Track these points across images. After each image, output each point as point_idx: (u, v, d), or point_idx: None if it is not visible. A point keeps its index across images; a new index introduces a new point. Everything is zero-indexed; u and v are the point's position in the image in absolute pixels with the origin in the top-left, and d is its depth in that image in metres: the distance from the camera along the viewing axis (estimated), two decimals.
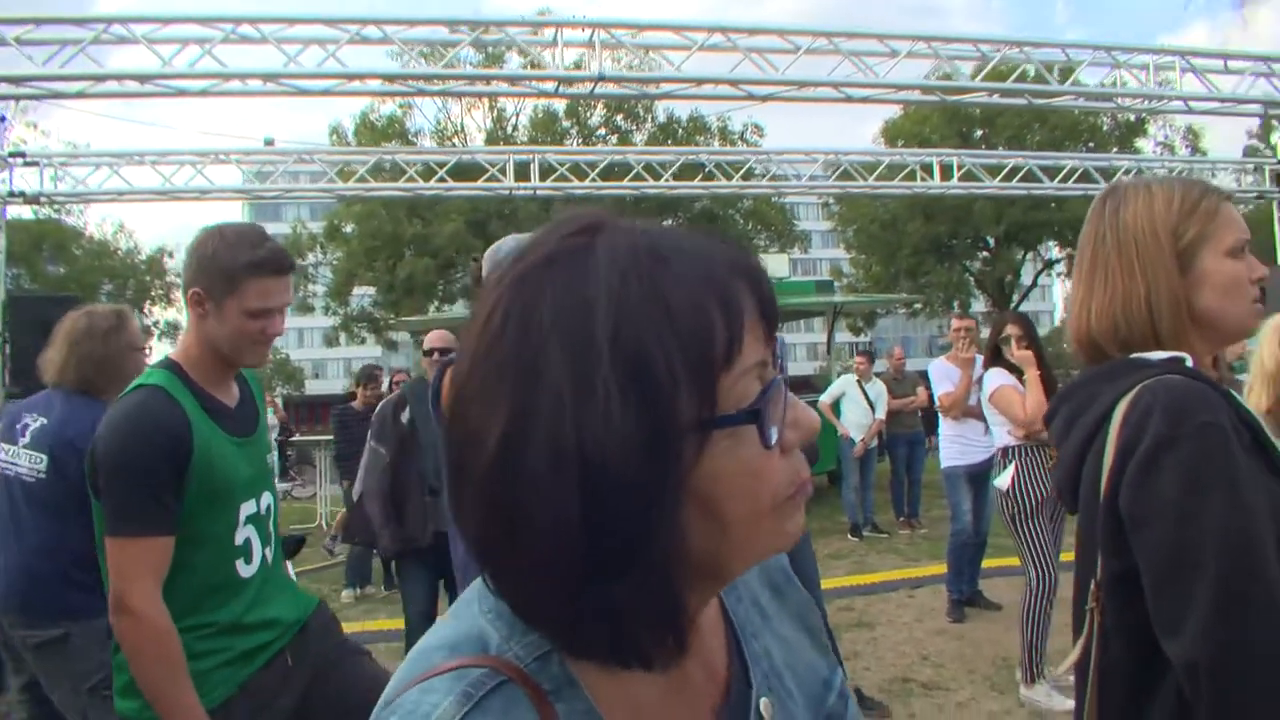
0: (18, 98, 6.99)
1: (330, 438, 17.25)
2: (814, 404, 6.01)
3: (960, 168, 12.05)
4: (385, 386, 9.24)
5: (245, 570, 2.51)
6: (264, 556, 2.58)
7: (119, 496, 2.30)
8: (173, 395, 2.40)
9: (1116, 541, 1.70)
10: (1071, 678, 5.49)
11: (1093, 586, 1.76)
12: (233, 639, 2.47)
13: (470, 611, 0.86)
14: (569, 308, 0.75)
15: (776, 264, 18.70)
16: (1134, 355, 1.80)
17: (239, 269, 2.41)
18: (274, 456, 2.92)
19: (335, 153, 12.66)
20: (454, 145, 31.04)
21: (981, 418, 7.37)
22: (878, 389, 11.27)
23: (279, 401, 15.56)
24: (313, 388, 76.49)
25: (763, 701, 0.94)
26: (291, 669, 2.61)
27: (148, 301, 39.73)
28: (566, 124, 32.90)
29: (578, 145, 29.13)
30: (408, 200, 25.36)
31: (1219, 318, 1.79)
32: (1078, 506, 1.90)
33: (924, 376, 10.64)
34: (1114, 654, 1.74)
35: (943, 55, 8.06)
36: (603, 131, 33.25)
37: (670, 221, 34.39)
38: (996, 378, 6.02)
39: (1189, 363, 1.76)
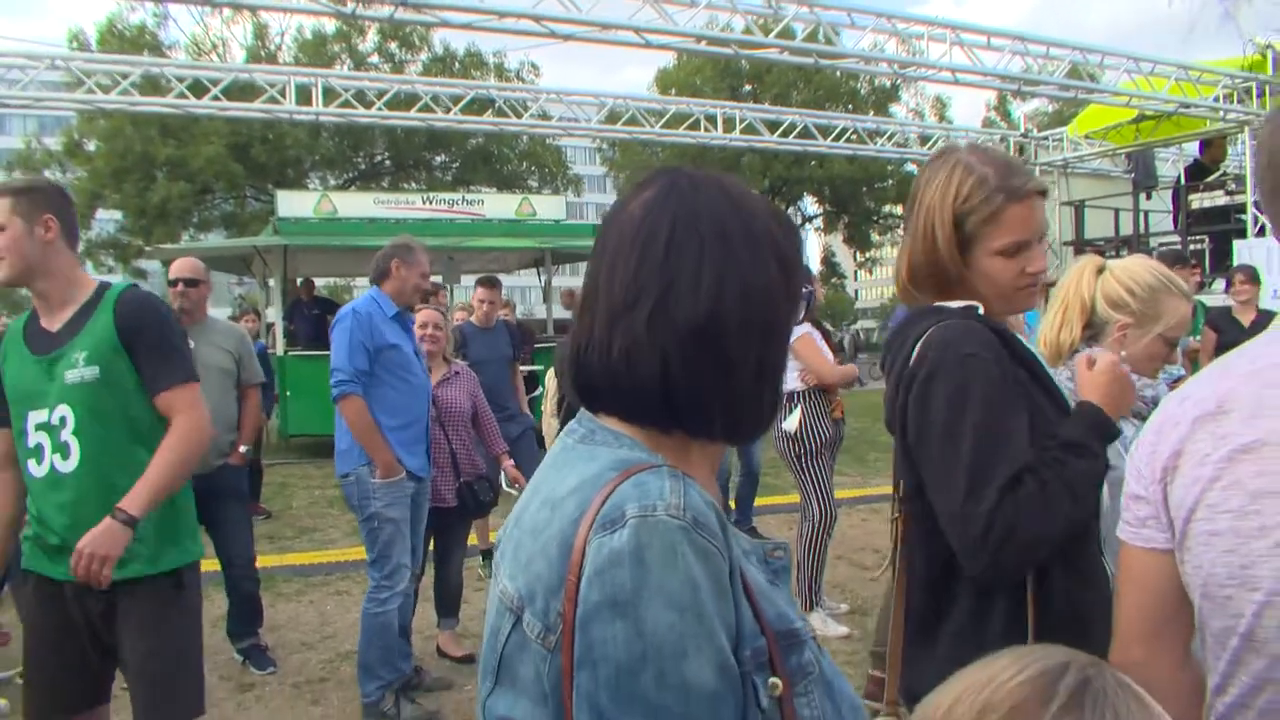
0: None
1: None
2: None
3: (741, 121, 12.42)
4: None
5: (34, 470, 2.96)
6: (53, 465, 2.93)
7: None
8: (8, 327, 3.14)
9: (908, 459, 1.98)
10: (843, 606, 5.97)
11: (895, 501, 2.04)
12: (33, 525, 3.02)
13: (601, 453, 1.14)
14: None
15: (554, 206, 18.68)
16: (937, 303, 2.06)
17: None
18: (75, 371, 2.94)
19: (98, 60, 11.54)
20: (213, 60, 29.10)
21: None
22: None
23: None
24: None
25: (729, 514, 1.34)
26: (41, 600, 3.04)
27: None
28: (336, 48, 31.43)
29: (348, 70, 27.92)
30: (160, 119, 23.63)
31: (987, 300, 2.04)
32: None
33: None
34: (916, 559, 2.00)
35: (740, 9, 8.29)
36: (376, 59, 31.98)
37: (443, 157, 33.72)
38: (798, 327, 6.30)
39: (980, 310, 2.02)
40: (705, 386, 1.11)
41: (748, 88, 36.04)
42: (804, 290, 1.24)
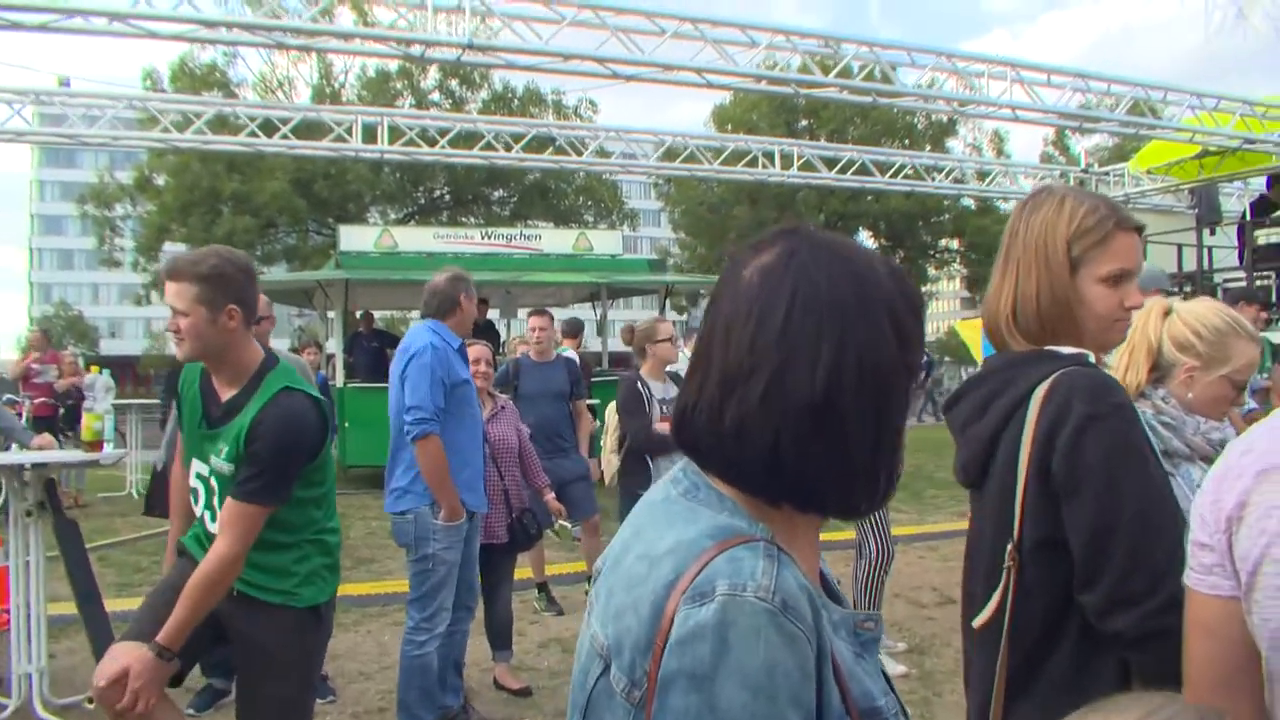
0: None
1: (142, 401, 16.20)
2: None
3: (800, 158, 12.47)
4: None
5: (193, 507, 3.28)
6: (204, 519, 3.22)
7: None
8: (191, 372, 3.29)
9: (1041, 509, 1.93)
10: (900, 645, 5.88)
11: (1009, 548, 1.99)
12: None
13: (703, 514, 1.14)
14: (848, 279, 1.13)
15: (610, 241, 18.87)
16: (1047, 348, 2.05)
17: None
18: (216, 460, 3.22)
19: (174, 100, 11.94)
20: (279, 98, 29.83)
21: None
22: None
23: (79, 362, 14.51)
24: (109, 348, 71.80)
25: (836, 584, 1.31)
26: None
27: None
28: (399, 85, 32.05)
29: (410, 107, 28.47)
30: (227, 156, 24.24)
31: (1083, 329, 2.05)
32: (980, 481, 2.11)
33: None
34: (1029, 609, 1.97)
35: (800, 50, 8.37)
36: (436, 96, 32.58)
37: (502, 192, 34.12)
38: None
39: (1091, 359, 2.02)
40: (817, 463, 1.10)
41: (804, 123, 36.12)
42: (923, 360, 1.20)
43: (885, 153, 15.50)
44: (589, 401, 9.83)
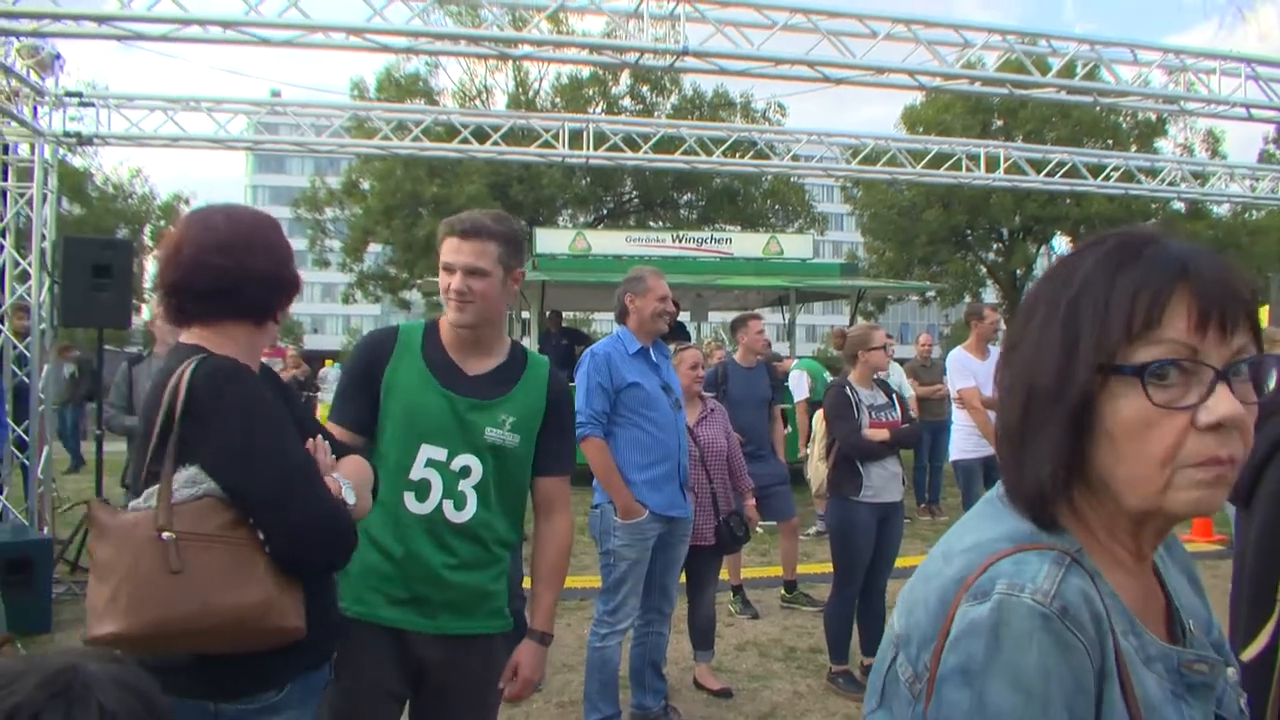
0: (102, 37, 6.85)
1: None
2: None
3: (1007, 159, 12.06)
4: None
5: (415, 506, 2.78)
6: (441, 508, 2.78)
7: None
8: (400, 332, 2.91)
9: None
10: None
11: None
12: (378, 558, 2.75)
13: (1008, 518, 1.13)
14: (1063, 275, 1.13)
15: (801, 245, 18.78)
16: None
17: (439, 234, 2.86)
18: (497, 431, 2.93)
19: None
20: (478, 105, 30.98)
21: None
22: (898, 376, 10.96)
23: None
24: (311, 343, 76.20)
25: (1190, 622, 1.19)
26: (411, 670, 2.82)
27: None
28: (590, 92, 32.71)
29: (600, 113, 29.01)
30: (428, 161, 25.31)
31: None
32: (1249, 501, 2.00)
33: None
34: None
35: (1017, 50, 8.10)
36: (627, 101, 33.10)
37: (690, 196, 34.31)
38: None
39: None
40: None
41: (999, 123, 34.83)
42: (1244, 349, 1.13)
43: (1096, 154, 14.78)
44: (783, 406, 9.77)
